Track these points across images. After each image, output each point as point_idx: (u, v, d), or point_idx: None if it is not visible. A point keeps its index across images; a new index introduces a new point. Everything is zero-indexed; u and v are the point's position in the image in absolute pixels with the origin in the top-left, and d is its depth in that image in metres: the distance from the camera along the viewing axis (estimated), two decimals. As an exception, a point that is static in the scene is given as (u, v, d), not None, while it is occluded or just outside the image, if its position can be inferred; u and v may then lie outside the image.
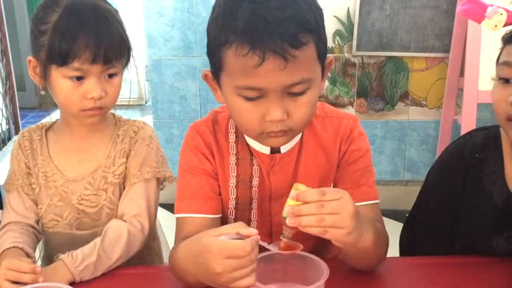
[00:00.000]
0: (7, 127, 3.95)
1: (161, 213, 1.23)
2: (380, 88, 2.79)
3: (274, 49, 0.80)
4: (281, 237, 0.82)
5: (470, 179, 1.05)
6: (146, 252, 1.20)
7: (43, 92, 1.13)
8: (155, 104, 2.87)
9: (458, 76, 2.57)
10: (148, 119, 2.96)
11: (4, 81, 3.91)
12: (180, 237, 1.00)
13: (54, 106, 1.12)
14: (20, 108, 4.22)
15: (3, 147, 3.82)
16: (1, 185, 1.25)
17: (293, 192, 0.79)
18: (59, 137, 1.17)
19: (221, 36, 0.85)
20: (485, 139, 1.00)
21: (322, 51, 0.89)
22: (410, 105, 2.82)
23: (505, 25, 0.94)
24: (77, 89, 1.04)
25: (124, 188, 1.14)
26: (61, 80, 1.04)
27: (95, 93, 1.04)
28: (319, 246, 1.13)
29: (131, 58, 1.12)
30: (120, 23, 1.08)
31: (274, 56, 0.81)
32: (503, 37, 0.96)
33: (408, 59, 2.72)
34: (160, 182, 1.18)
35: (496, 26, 0.94)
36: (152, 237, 1.23)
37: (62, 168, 1.15)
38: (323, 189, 0.79)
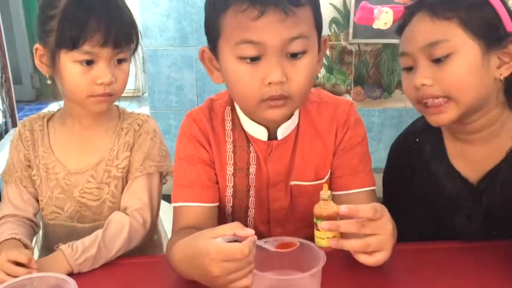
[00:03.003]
0: (4, 120, 3.95)
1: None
2: (377, 76, 2.78)
3: (275, 3, 0.82)
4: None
5: (415, 164, 1.07)
6: (147, 245, 1.19)
7: (49, 81, 1.10)
8: (152, 95, 2.87)
9: (455, 62, 2.57)
10: (145, 110, 2.96)
11: (0, 74, 3.90)
12: (178, 227, 1.00)
13: (51, 99, 1.11)
14: (16, 101, 4.22)
15: (0, 140, 3.81)
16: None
17: (324, 195, 0.80)
18: (61, 128, 1.16)
19: (219, 3, 0.88)
20: (425, 123, 1.03)
21: (318, 21, 0.91)
22: (407, 93, 2.81)
23: (394, 21, 1.01)
24: (87, 74, 1.03)
25: (127, 182, 1.13)
26: (70, 65, 1.02)
27: (105, 78, 1.03)
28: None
29: (139, 46, 1.11)
30: (128, 9, 1.07)
31: (274, 9, 0.83)
32: (395, 31, 1.02)
33: (405, 46, 2.71)
34: (163, 176, 1.17)
35: (385, 23, 1.02)
36: (153, 232, 1.22)
37: (64, 160, 1.13)
38: (376, 208, 0.79)
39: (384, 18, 1.02)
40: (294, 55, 0.88)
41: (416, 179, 1.08)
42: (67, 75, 1.03)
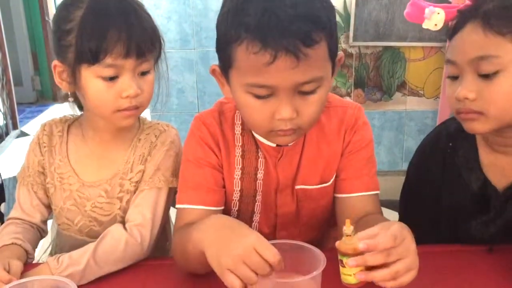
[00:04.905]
0: (4, 122, 3.95)
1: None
2: (378, 79, 2.78)
3: (287, 47, 0.79)
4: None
5: (447, 168, 1.06)
6: (159, 252, 1.14)
7: (71, 99, 1.05)
8: (153, 97, 2.86)
9: (455, 65, 2.57)
10: (146, 112, 2.96)
11: (1, 76, 3.90)
12: (179, 225, 0.99)
13: (52, 101, 1.07)
14: (17, 103, 4.23)
15: (0, 142, 3.82)
16: (4, 179, 1.22)
17: (347, 231, 0.78)
18: (80, 138, 1.12)
19: (231, 32, 0.83)
20: (458, 128, 1.01)
21: (333, 49, 0.87)
22: (408, 95, 2.81)
23: (446, 22, 0.96)
24: (111, 88, 0.97)
25: None
26: (93, 81, 0.97)
27: (131, 90, 0.97)
28: (319, 237, 1.14)
29: (162, 53, 1.05)
30: (148, 14, 1.02)
31: (286, 54, 0.79)
32: (446, 34, 0.97)
33: (405, 49, 2.72)
34: (174, 192, 1.10)
35: (436, 25, 0.98)
36: (165, 239, 1.20)
37: (79, 171, 1.10)
38: (395, 235, 0.75)
39: (435, 19, 0.97)
40: (306, 93, 0.86)
41: (443, 180, 1.07)
42: (91, 91, 0.98)
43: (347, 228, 0.78)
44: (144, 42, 0.98)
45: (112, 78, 0.97)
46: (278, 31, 0.79)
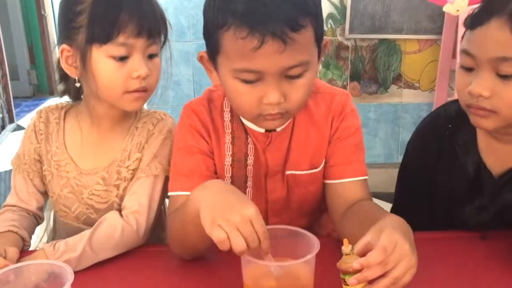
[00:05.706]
0: (1, 115, 3.94)
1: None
2: (373, 71, 2.79)
3: (274, 32, 0.80)
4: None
5: (444, 150, 1.07)
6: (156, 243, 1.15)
7: (78, 84, 1.05)
8: (150, 90, 2.86)
9: (450, 58, 2.58)
10: (142, 105, 2.95)
11: (-3, 70, 3.89)
12: (171, 211, 1.00)
13: (48, 95, 1.07)
14: (13, 97, 4.21)
15: (-3, 136, 3.81)
16: (0, 172, 1.21)
17: (346, 250, 0.78)
18: (78, 125, 1.12)
19: (218, 18, 0.84)
20: (459, 111, 1.01)
21: (319, 34, 0.89)
22: (403, 88, 2.82)
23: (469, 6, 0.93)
24: (122, 68, 0.99)
25: None
26: (104, 61, 0.98)
27: (142, 71, 0.99)
28: (313, 223, 1.15)
29: (167, 41, 1.07)
30: (156, 0, 1.04)
31: (273, 39, 0.80)
32: (464, 22, 0.94)
33: (401, 41, 2.73)
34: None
35: (458, 10, 0.95)
36: (161, 229, 1.20)
37: (77, 159, 1.10)
38: (384, 247, 0.74)
39: (459, 4, 0.95)
40: (293, 77, 0.87)
41: (440, 161, 1.08)
42: (101, 72, 0.99)
43: (345, 247, 0.79)
44: (155, 23, 1.00)
45: (122, 59, 0.99)
46: (265, 16, 0.80)
